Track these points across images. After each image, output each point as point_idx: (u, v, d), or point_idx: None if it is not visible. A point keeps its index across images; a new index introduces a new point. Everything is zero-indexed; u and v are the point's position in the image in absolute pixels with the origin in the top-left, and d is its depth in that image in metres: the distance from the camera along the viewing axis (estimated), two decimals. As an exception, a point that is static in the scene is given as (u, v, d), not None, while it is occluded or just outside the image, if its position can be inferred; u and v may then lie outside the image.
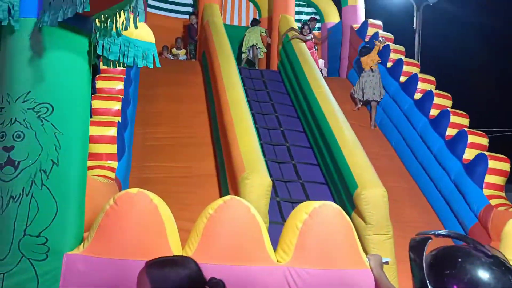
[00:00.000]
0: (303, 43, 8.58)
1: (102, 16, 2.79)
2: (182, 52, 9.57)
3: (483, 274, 0.97)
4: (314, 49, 8.88)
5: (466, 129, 6.27)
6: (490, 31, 16.10)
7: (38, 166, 2.59)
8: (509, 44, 15.81)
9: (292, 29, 8.91)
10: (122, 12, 2.70)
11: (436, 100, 6.93)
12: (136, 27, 2.73)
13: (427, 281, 1.04)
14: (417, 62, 8.45)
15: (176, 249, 2.68)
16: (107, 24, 2.80)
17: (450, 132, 6.42)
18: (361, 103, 8.22)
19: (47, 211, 2.59)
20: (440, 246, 1.14)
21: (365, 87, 8.02)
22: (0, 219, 2.58)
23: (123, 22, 2.71)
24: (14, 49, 2.62)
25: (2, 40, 2.69)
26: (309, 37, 8.81)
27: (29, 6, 2.59)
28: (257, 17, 10.93)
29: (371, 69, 8.07)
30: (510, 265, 0.98)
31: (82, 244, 2.69)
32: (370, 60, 8.12)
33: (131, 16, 2.67)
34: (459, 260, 1.01)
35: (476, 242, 1.07)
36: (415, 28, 13.14)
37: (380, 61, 8.20)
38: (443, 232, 1.16)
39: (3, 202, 2.56)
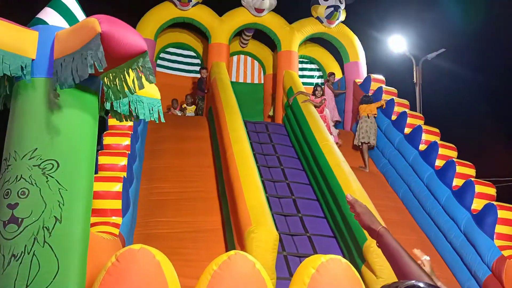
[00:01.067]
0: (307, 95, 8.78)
1: (110, 74, 2.89)
2: (191, 108, 9.81)
3: None
4: (325, 112, 8.46)
5: (472, 179, 6.22)
6: (486, 83, 16.58)
7: (41, 223, 2.58)
8: (503, 98, 16.27)
9: (301, 93, 8.67)
10: (130, 71, 2.80)
11: (441, 151, 6.94)
12: (143, 87, 2.81)
13: None
14: (421, 115, 8.57)
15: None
16: (116, 82, 2.89)
17: (457, 182, 6.38)
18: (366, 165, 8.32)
19: (48, 269, 2.55)
20: None
21: (367, 131, 8.44)
22: (1, 278, 2.53)
23: (134, 80, 2.80)
24: (23, 107, 2.70)
25: (12, 98, 2.78)
26: (319, 101, 8.50)
27: (40, 67, 2.70)
28: (262, 74, 11.28)
29: (368, 116, 8.51)
30: None
31: (83, 303, 2.62)
32: (368, 109, 8.55)
33: (141, 75, 2.75)
34: None
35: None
36: (415, 82, 13.44)
37: (376, 115, 8.55)
38: (411, 283, 1.10)
39: (4, 261, 2.53)
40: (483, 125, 16.51)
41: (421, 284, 1.06)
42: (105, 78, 2.93)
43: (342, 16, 10.35)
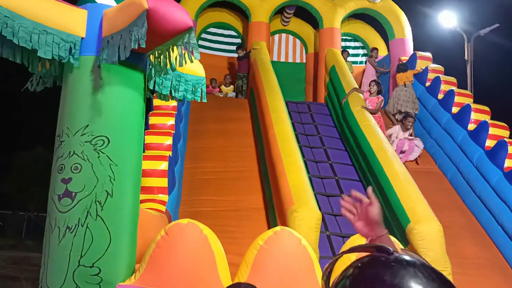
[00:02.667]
0: (350, 74, 8.56)
1: (156, 52, 2.91)
2: (230, 88, 9.79)
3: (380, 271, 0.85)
4: (380, 114, 7.51)
5: (525, 159, 5.91)
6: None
7: (94, 197, 2.68)
8: None
9: (355, 89, 7.69)
10: (175, 48, 2.81)
11: (492, 131, 6.60)
12: (191, 61, 2.82)
13: None
14: (469, 93, 8.15)
15: (225, 281, 2.64)
16: (160, 59, 2.91)
17: (509, 163, 6.07)
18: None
19: (101, 241, 2.65)
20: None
21: (399, 99, 8.26)
22: (56, 249, 2.66)
23: (176, 57, 2.81)
24: (75, 85, 2.78)
25: (63, 76, 2.86)
26: (376, 104, 7.43)
27: (89, 45, 2.76)
28: (304, 53, 11.08)
29: (404, 84, 8.32)
30: (414, 259, 0.87)
31: (134, 275, 2.71)
32: (405, 77, 8.39)
33: (185, 52, 2.76)
34: (359, 268, 0.88)
35: (380, 246, 0.93)
36: (466, 59, 12.78)
37: (412, 81, 8.44)
38: (352, 247, 1.01)
39: (59, 233, 2.65)
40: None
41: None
42: (152, 55, 2.97)
43: (387, -9, 9.94)
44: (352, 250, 0.97)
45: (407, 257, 0.89)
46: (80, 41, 2.77)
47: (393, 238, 2.69)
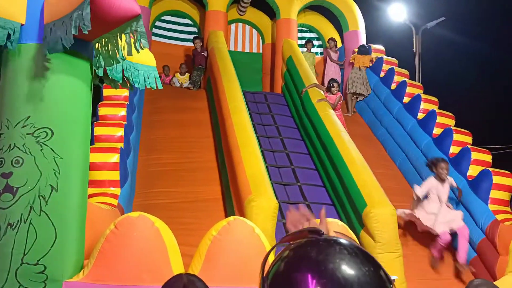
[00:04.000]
0: (307, 64, 8.63)
1: (103, 40, 2.79)
2: (186, 77, 9.58)
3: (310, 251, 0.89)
4: (340, 110, 7.60)
5: (469, 146, 6.23)
6: (483, 54, 16.48)
7: (37, 192, 2.55)
8: (502, 67, 16.24)
9: (315, 85, 7.61)
10: (123, 36, 2.70)
11: (439, 119, 6.92)
12: (138, 51, 2.72)
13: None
14: (420, 84, 8.48)
15: (178, 273, 2.60)
16: (108, 48, 2.79)
17: (454, 150, 6.41)
18: (353, 109, 8.79)
19: (45, 238, 2.54)
20: None
21: (354, 81, 8.82)
22: (-2, 247, 2.52)
23: (124, 46, 2.70)
24: (14, 74, 2.63)
25: (2, 66, 2.70)
26: (335, 99, 7.47)
27: (30, 32, 2.61)
28: (261, 43, 11.06)
29: (359, 68, 8.84)
30: (342, 240, 0.92)
31: (82, 271, 2.62)
32: (361, 61, 8.89)
33: (132, 40, 2.66)
34: (291, 249, 0.92)
35: (312, 229, 0.95)
36: (415, 51, 13.24)
37: (367, 67, 8.93)
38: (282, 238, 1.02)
39: (0, 230, 2.51)
40: (482, 93, 16.49)
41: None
42: (97, 43, 2.84)
43: (342, -17, 10.08)
44: (286, 238, 0.99)
45: (336, 238, 0.93)
46: (20, 28, 2.61)
47: (340, 223, 2.75)
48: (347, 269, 0.86)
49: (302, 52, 9.50)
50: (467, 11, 16.12)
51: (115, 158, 4.75)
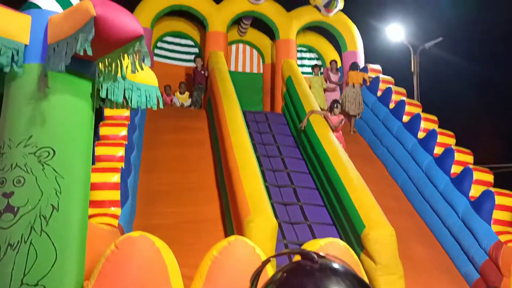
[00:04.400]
0: (306, 84, 8.71)
1: (106, 60, 2.83)
2: (185, 96, 9.63)
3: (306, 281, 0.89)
4: (340, 132, 7.42)
5: (471, 166, 6.22)
6: (481, 74, 16.68)
7: (38, 211, 2.54)
8: (499, 87, 16.44)
9: (314, 112, 7.49)
10: (126, 56, 2.74)
11: (440, 139, 6.94)
12: (142, 69, 2.76)
13: None
14: (418, 103, 8.54)
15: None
16: (111, 68, 2.83)
17: (455, 169, 6.40)
18: (354, 129, 8.94)
19: (46, 258, 2.52)
20: None
21: (348, 100, 8.88)
22: (-2, 268, 2.50)
23: (127, 65, 2.74)
24: (17, 94, 2.65)
25: (5, 85, 2.72)
26: (337, 120, 7.28)
27: (34, 52, 2.65)
28: (261, 63, 11.18)
29: (353, 85, 8.96)
30: (338, 267, 0.91)
31: (82, 292, 2.60)
32: (355, 78, 9.00)
33: (136, 60, 2.69)
34: (284, 275, 0.92)
35: (305, 253, 0.96)
36: (413, 71, 13.38)
37: (362, 85, 9.04)
38: (278, 252, 1.07)
39: (0, 251, 2.49)
40: (480, 112, 16.61)
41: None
42: (100, 63, 2.88)
43: (340, 4, 10.25)
44: (279, 254, 0.99)
45: (331, 265, 0.91)
46: (24, 48, 2.65)
47: (342, 243, 2.73)
48: None
49: (310, 76, 9.64)
50: (465, 32, 16.38)
51: (115, 178, 4.74)
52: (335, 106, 7.46)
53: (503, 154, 14.54)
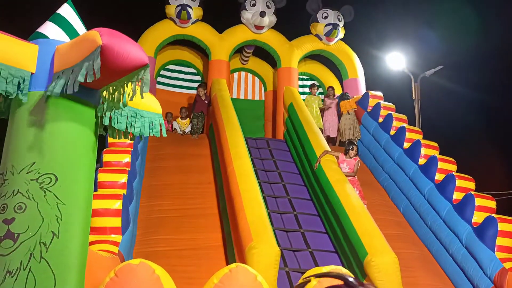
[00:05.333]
0: (307, 111, 8.79)
1: (110, 88, 2.88)
2: (187, 121, 9.69)
3: None
4: (356, 177, 6.85)
5: (472, 192, 6.20)
6: (481, 101, 16.85)
7: (38, 238, 2.54)
8: (500, 114, 16.56)
9: (327, 152, 7.03)
10: (129, 84, 2.78)
11: (441, 165, 6.94)
12: (142, 97, 2.80)
13: None
14: (419, 129, 8.59)
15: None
16: (114, 95, 2.87)
17: (457, 196, 6.37)
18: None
19: (44, 285, 2.50)
20: None
21: (345, 129, 9.24)
22: (-5, 295, 2.48)
23: (129, 93, 2.78)
24: (21, 121, 2.69)
25: (11, 111, 2.76)
26: (354, 167, 6.83)
27: (40, 80, 2.70)
28: (263, 91, 11.31)
29: (348, 113, 9.31)
30: None
31: (80, 320, 2.56)
32: (348, 105, 9.35)
33: (138, 87, 2.74)
34: None
35: (348, 279, 1.08)
36: (414, 98, 13.50)
37: (356, 108, 9.35)
38: (322, 272, 1.18)
39: (-1, 278, 2.47)
40: (481, 140, 16.64)
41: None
42: (105, 91, 2.92)
43: (341, 33, 10.45)
44: (321, 275, 1.05)
45: None
46: (30, 77, 2.71)
47: (344, 270, 2.70)
48: None
49: (307, 96, 9.87)
50: (465, 60, 16.60)
51: (117, 204, 4.74)
52: (351, 148, 6.79)
53: (505, 181, 14.49)
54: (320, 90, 11.35)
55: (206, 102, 9.30)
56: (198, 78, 10.84)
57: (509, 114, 16.00)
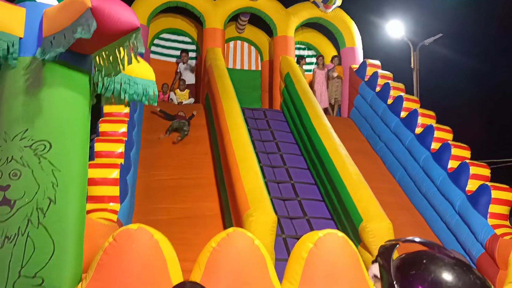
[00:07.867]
0: (304, 80, 8.71)
1: (104, 53, 2.81)
2: (185, 93, 9.61)
3: (446, 274, 1.04)
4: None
5: (467, 161, 6.24)
6: (480, 70, 16.71)
7: (35, 204, 2.54)
8: (498, 83, 16.50)
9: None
10: (121, 49, 2.72)
11: (437, 134, 6.95)
12: (137, 61, 2.74)
13: (394, 282, 1.09)
14: (416, 98, 8.54)
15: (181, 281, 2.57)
16: (107, 62, 2.81)
17: (452, 164, 6.41)
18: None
19: (43, 250, 2.51)
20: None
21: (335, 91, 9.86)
22: (-5, 260, 2.50)
23: (123, 58, 2.73)
24: (12, 87, 2.65)
25: (0, 79, 2.71)
26: None
27: (28, 45, 2.64)
28: (259, 61, 11.15)
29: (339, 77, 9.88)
30: (471, 266, 1.05)
31: (80, 284, 2.59)
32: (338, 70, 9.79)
33: (132, 52, 2.68)
34: (424, 261, 1.08)
35: (440, 247, 1.14)
36: (412, 67, 13.38)
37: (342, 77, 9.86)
38: (408, 238, 1.23)
39: (-3, 243, 2.49)
40: (478, 108, 16.65)
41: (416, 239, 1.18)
42: (97, 57, 2.86)
43: (339, 1, 10.23)
44: (406, 241, 1.16)
45: (466, 263, 1.06)
46: (18, 41, 2.64)
47: (341, 234, 2.73)
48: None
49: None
50: (464, 28, 16.39)
51: (115, 173, 4.74)
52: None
53: (500, 149, 14.60)
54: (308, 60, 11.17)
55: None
56: (193, 47, 10.66)
57: (507, 82, 15.95)
